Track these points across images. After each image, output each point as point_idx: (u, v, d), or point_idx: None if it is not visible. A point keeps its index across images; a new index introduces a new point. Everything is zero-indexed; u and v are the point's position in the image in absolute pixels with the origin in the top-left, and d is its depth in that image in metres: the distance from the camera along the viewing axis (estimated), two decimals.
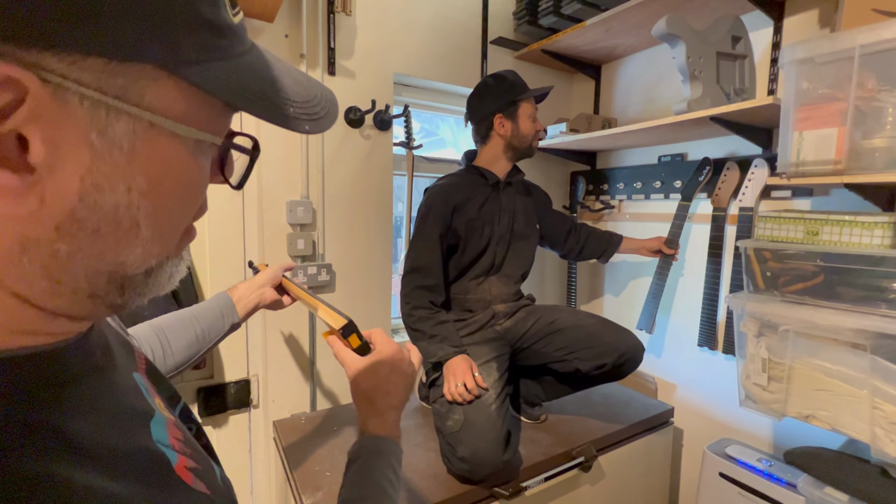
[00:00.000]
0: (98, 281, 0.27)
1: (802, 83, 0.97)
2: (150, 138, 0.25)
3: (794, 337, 0.96)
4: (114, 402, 0.30)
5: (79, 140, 0.23)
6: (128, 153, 0.25)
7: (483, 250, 1.34)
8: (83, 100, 0.22)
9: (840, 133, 0.91)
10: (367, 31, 1.45)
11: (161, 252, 0.29)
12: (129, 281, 0.28)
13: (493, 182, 1.35)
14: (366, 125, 1.48)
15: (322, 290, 1.46)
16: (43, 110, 0.21)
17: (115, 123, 0.24)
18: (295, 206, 1.37)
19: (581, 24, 1.52)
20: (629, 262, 1.79)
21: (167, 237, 0.29)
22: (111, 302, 0.28)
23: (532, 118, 1.35)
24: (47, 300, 0.26)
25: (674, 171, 1.59)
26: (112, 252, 0.26)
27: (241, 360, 1.44)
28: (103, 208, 0.25)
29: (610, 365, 1.19)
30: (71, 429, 0.25)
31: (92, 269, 0.26)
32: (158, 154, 0.26)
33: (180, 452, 0.33)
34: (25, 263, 0.24)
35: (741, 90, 1.26)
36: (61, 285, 0.25)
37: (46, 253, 0.24)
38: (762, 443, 1.38)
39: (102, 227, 0.25)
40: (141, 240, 0.27)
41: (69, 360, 0.28)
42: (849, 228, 0.91)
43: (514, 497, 1.07)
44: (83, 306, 0.28)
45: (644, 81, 1.70)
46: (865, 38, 0.85)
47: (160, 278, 0.30)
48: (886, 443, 0.83)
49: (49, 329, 0.27)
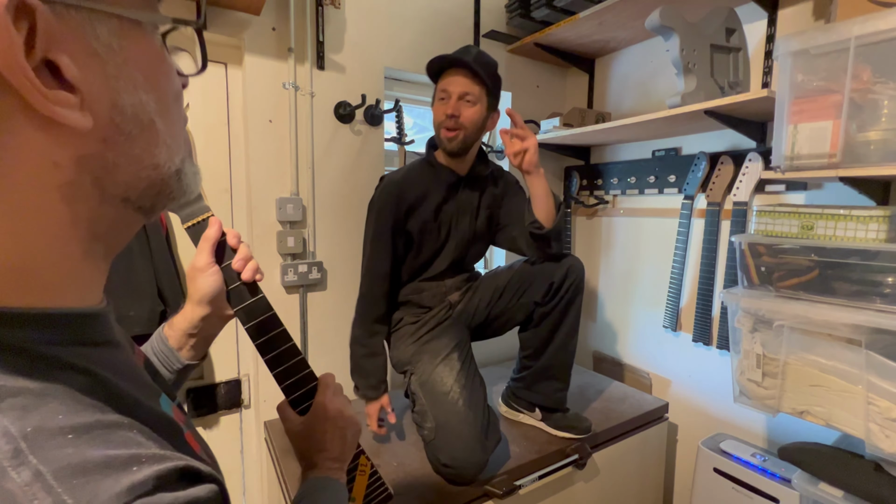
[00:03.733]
0: (136, 185, 0.30)
1: (797, 75, 0.95)
2: (126, 34, 0.28)
3: (788, 332, 0.95)
4: (132, 372, 0.33)
5: (87, 50, 0.26)
6: (120, 53, 0.27)
7: (437, 252, 1.26)
8: (70, 10, 0.25)
9: (835, 126, 0.90)
10: (357, 25, 1.43)
11: (179, 150, 0.33)
12: (166, 186, 0.32)
13: (448, 182, 1.22)
14: (356, 120, 1.46)
15: (314, 288, 1.44)
16: (52, 30, 0.24)
17: (100, 27, 0.26)
18: (284, 203, 1.34)
19: (574, 17, 1.50)
20: (629, 260, 1.78)
21: (177, 134, 0.33)
22: (141, 205, 0.32)
23: (440, 98, 1.13)
24: (94, 214, 0.29)
25: (668, 166, 1.58)
26: (147, 154, 0.30)
27: (232, 360, 1.42)
28: (127, 110, 0.28)
29: (558, 279, 1.18)
30: (105, 377, 0.28)
31: (132, 174, 0.29)
32: (139, 49, 0.29)
33: (185, 427, 0.35)
34: (85, 180, 0.27)
35: (735, 83, 1.25)
36: (106, 193, 0.29)
37: (99, 165, 0.28)
38: (756, 438, 1.38)
39: (133, 129, 0.28)
40: (161, 137, 0.30)
41: (97, 326, 0.31)
42: (844, 222, 0.90)
43: (507, 496, 1.06)
44: (115, 212, 0.30)
45: (638, 75, 1.69)
46: (861, 29, 0.84)
47: (188, 179, 0.34)
48: (881, 438, 0.82)
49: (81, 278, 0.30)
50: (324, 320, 1.46)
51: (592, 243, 1.90)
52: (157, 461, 0.24)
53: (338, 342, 1.50)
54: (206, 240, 0.54)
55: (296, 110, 1.34)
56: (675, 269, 1.52)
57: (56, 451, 0.22)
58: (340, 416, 0.56)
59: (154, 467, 0.24)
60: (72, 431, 0.23)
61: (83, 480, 0.21)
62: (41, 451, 0.22)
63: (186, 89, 0.35)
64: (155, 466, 0.24)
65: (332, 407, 0.56)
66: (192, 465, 0.26)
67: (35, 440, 0.22)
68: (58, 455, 0.22)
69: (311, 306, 1.44)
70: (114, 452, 0.23)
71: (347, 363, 1.52)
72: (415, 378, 1.18)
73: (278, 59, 1.31)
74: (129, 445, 0.24)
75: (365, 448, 0.67)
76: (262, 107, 1.31)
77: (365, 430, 1.25)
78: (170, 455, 0.25)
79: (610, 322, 1.85)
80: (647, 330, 1.70)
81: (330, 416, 0.56)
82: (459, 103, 1.11)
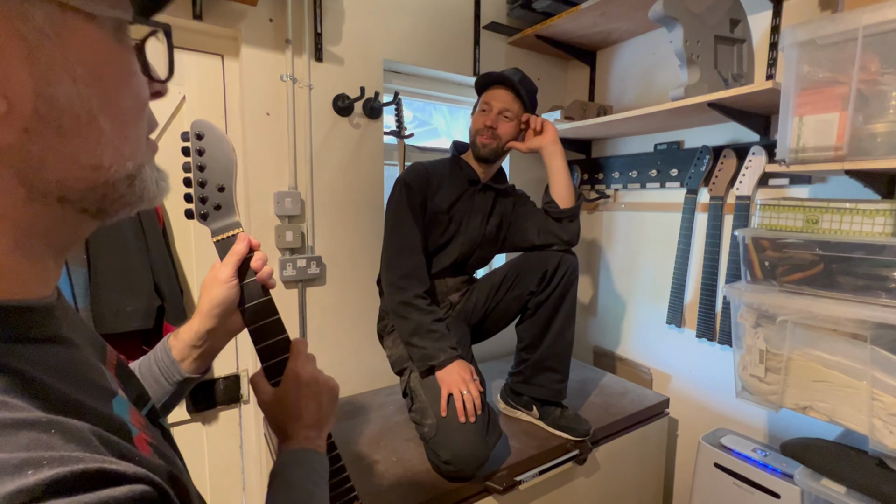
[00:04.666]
0: (74, 186, 0.28)
1: (803, 66, 0.94)
2: (69, 24, 0.26)
3: (792, 327, 0.94)
4: (78, 371, 0.30)
5: (10, 33, 0.24)
6: (56, 41, 0.26)
7: (444, 246, 1.27)
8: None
9: (841, 118, 0.88)
10: (356, 16, 1.40)
11: (133, 154, 0.31)
12: (112, 189, 0.30)
13: (470, 179, 1.27)
14: (355, 113, 1.44)
15: (312, 283, 1.43)
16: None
17: (34, 12, 0.25)
18: (282, 197, 1.33)
19: (576, 8, 1.48)
20: (630, 255, 1.77)
21: (132, 136, 0.31)
22: (84, 206, 0.30)
23: (482, 109, 1.23)
24: (20, 207, 0.27)
25: (670, 160, 1.56)
26: (84, 153, 0.28)
27: (231, 355, 1.41)
28: (59, 101, 0.26)
29: (551, 268, 1.19)
30: (30, 374, 0.26)
31: (65, 171, 0.27)
32: (85, 41, 0.27)
33: (141, 431, 0.32)
34: (3, 173, 0.25)
35: (739, 75, 1.23)
36: (33, 190, 0.27)
37: (20, 157, 0.26)
38: (757, 433, 1.38)
39: (65, 123, 0.26)
40: (106, 137, 0.28)
41: (34, 321, 0.29)
42: (849, 216, 0.89)
43: (507, 491, 1.06)
44: (51, 213, 0.28)
45: (640, 68, 1.67)
46: (870, 18, 0.82)
47: (146, 185, 0.32)
48: (885, 434, 0.81)
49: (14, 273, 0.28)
50: (323, 315, 1.46)
51: (593, 238, 1.89)
52: (60, 464, 0.21)
53: (337, 337, 1.49)
54: (234, 254, 0.54)
55: (294, 103, 1.32)
56: (679, 264, 1.50)
57: None
58: (314, 381, 0.55)
59: (54, 470, 0.21)
60: None
61: None
62: None
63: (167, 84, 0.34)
64: (56, 469, 0.21)
65: (305, 372, 0.55)
66: (108, 467, 0.23)
67: None
68: None
69: (309, 301, 1.43)
70: (5, 456, 0.20)
71: (348, 357, 1.51)
72: (414, 375, 1.17)
73: (276, 50, 1.29)
74: (32, 448, 0.21)
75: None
76: (260, 99, 1.29)
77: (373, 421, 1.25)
78: (83, 457, 0.22)
79: (610, 317, 1.84)
80: (647, 325, 1.69)
81: (303, 382, 0.54)
82: (498, 117, 1.22)
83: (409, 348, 1.15)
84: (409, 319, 1.14)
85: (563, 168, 1.25)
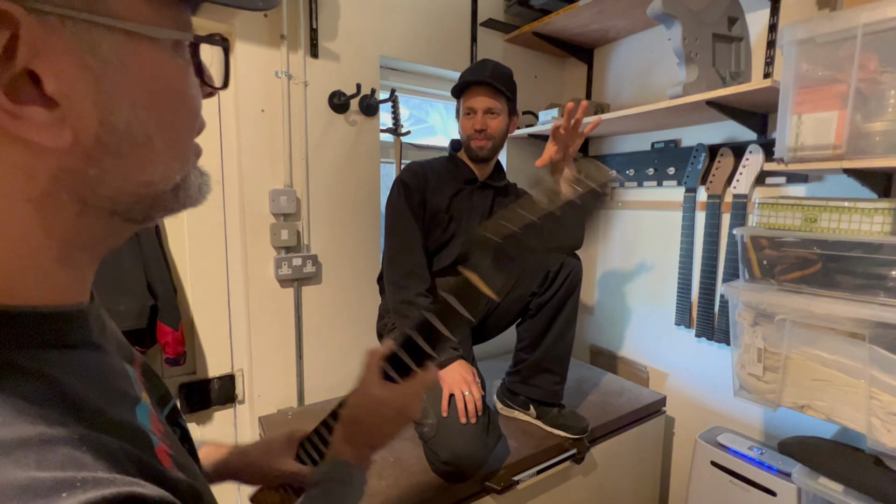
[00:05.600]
0: (124, 200, 0.29)
1: (802, 65, 0.93)
2: (133, 50, 0.26)
3: (790, 326, 0.94)
4: (105, 378, 0.31)
5: (78, 65, 0.24)
6: (121, 69, 0.26)
7: (444, 245, 1.26)
8: (64, 21, 0.23)
9: (840, 116, 0.88)
10: (352, 12, 1.39)
11: (182, 167, 0.31)
12: (160, 200, 0.31)
13: (467, 178, 1.27)
14: (351, 110, 1.42)
15: (308, 282, 1.41)
16: (38, 41, 0.23)
17: (100, 40, 0.25)
18: (278, 195, 1.31)
19: (573, 5, 1.47)
20: (627, 254, 1.77)
21: (182, 151, 0.31)
22: (132, 217, 0.30)
23: (467, 114, 1.21)
24: (72, 221, 0.27)
25: (667, 158, 1.56)
26: (137, 171, 0.28)
27: (225, 355, 1.39)
28: (119, 128, 0.26)
29: (553, 270, 1.19)
30: (66, 383, 0.26)
31: (118, 189, 0.28)
32: (146, 64, 0.27)
33: (161, 440, 0.33)
34: (61, 193, 0.26)
35: (737, 73, 1.23)
36: (87, 206, 0.27)
37: (79, 180, 0.26)
38: (754, 431, 1.38)
39: (123, 147, 0.27)
40: (159, 155, 0.29)
41: (70, 327, 0.30)
42: (848, 215, 0.89)
43: (505, 491, 1.06)
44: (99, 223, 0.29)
45: (637, 66, 1.66)
46: (869, 16, 0.82)
47: (189, 192, 0.33)
48: (883, 433, 0.82)
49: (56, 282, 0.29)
50: (319, 314, 1.44)
51: (590, 236, 1.88)
52: (94, 486, 0.21)
53: (333, 336, 1.48)
54: None
55: (289, 99, 1.31)
56: (683, 264, 1.50)
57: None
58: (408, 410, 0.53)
59: (88, 494, 0.21)
60: (2, 447, 0.21)
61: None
62: None
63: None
64: (90, 493, 0.21)
65: (409, 397, 0.53)
66: (136, 492, 0.23)
67: None
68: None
69: (305, 300, 1.41)
70: (41, 475, 0.21)
71: (344, 357, 1.50)
72: None
73: (270, 46, 1.27)
74: (66, 467, 0.22)
75: None
76: (254, 96, 1.27)
77: None
78: (115, 479, 0.23)
79: (607, 316, 1.84)
80: (644, 323, 1.69)
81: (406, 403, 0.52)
82: (485, 117, 1.20)
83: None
84: (410, 318, 1.13)
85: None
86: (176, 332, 1.19)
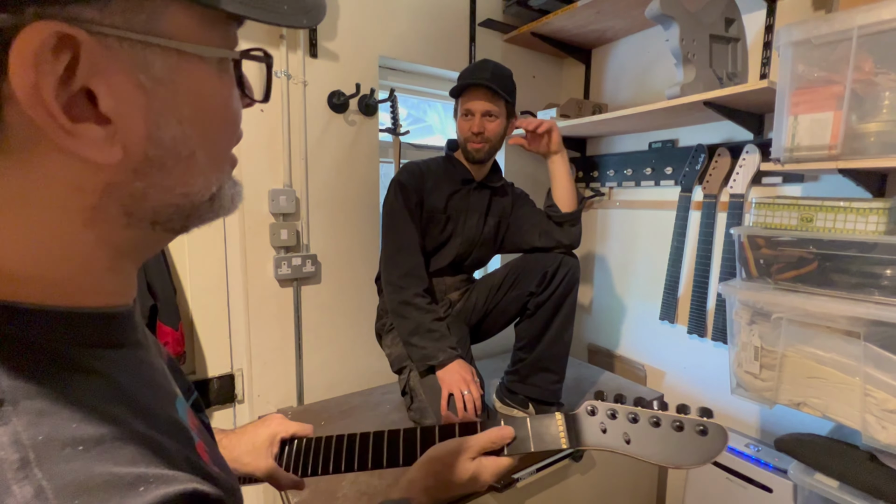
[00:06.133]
0: (165, 211, 0.30)
1: (798, 66, 0.94)
2: (182, 68, 0.27)
3: (786, 325, 0.95)
4: (151, 375, 0.33)
5: (132, 83, 0.25)
6: (170, 86, 0.27)
7: (442, 245, 1.27)
8: (122, 42, 0.24)
9: (835, 117, 0.89)
10: (351, 12, 1.39)
11: (219, 178, 0.32)
12: (196, 210, 0.31)
13: (464, 178, 1.27)
14: (350, 110, 1.43)
15: (308, 281, 1.42)
16: (98, 61, 0.23)
17: (153, 60, 0.26)
18: (277, 194, 1.31)
19: (572, 6, 1.48)
20: (624, 253, 1.78)
21: (220, 163, 0.32)
22: (171, 227, 0.31)
23: (465, 116, 1.20)
24: (118, 231, 0.29)
25: (664, 158, 1.57)
26: (180, 184, 0.29)
27: (225, 355, 1.39)
28: (165, 143, 0.27)
29: (551, 269, 1.19)
30: (122, 381, 0.28)
31: (161, 201, 0.29)
32: (194, 82, 0.28)
33: (198, 436, 0.34)
34: (109, 205, 0.27)
35: (734, 74, 1.24)
36: (132, 217, 0.29)
37: (126, 193, 0.27)
38: (750, 428, 1.40)
39: (168, 162, 0.28)
40: (200, 168, 0.30)
41: (121, 327, 0.31)
42: (843, 215, 0.90)
43: (505, 489, 1.06)
44: (142, 233, 0.30)
45: (635, 66, 1.67)
46: (864, 18, 0.83)
47: (223, 202, 0.33)
48: (877, 429, 0.83)
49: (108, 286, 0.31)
50: (318, 314, 1.44)
51: (588, 235, 1.89)
52: (164, 483, 0.24)
53: (332, 335, 1.48)
54: None
55: (288, 99, 1.31)
56: (672, 261, 1.51)
57: (62, 465, 0.21)
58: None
59: (161, 490, 0.23)
60: (82, 443, 0.23)
61: (85, 500, 0.21)
62: (48, 463, 0.21)
63: None
64: (162, 489, 0.23)
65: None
66: (199, 489, 0.25)
67: (44, 450, 0.21)
68: (63, 470, 0.21)
69: (304, 300, 1.42)
70: (120, 470, 0.23)
71: (343, 357, 1.51)
72: (414, 374, 1.16)
73: (269, 45, 1.27)
74: (136, 463, 0.24)
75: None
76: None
77: (369, 419, 1.24)
78: (177, 477, 0.25)
79: (605, 314, 1.85)
80: (641, 322, 1.71)
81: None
82: (483, 120, 1.19)
83: (409, 348, 1.14)
84: (408, 319, 1.13)
85: (566, 172, 1.25)
86: (176, 331, 1.19)
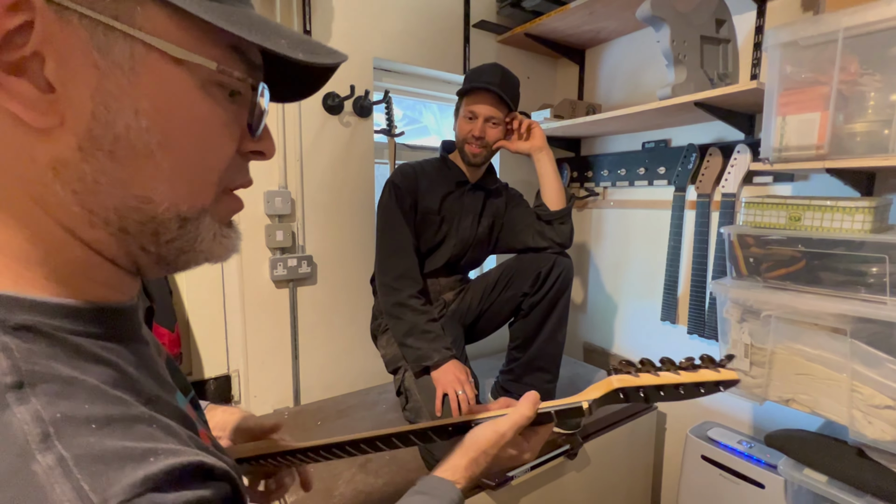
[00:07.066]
0: (129, 216, 0.29)
1: (786, 67, 0.96)
2: (150, 63, 0.27)
3: (775, 322, 0.96)
4: (153, 368, 0.34)
5: (85, 59, 0.26)
6: (129, 74, 0.27)
7: (436, 246, 1.28)
8: (81, 19, 0.25)
9: (822, 117, 0.91)
10: (346, 14, 1.40)
11: (191, 198, 0.31)
12: (163, 226, 0.30)
13: (458, 180, 1.28)
14: (345, 112, 1.43)
15: (303, 283, 1.42)
16: (52, 30, 0.24)
17: (114, 43, 0.26)
18: (272, 196, 1.32)
19: (565, 7, 1.49)
20: (619, 252, 1.79)
21: (194, 181, 0.31)
22: (144, 245, 0.31)
23: (468, 118, 1.21)
24: (85, 229, 0.29)
25: (658, 158, 1.58)
26: (136, 183, 0.29)
27: (221, 356, 1.40)
28: (115, 128, 0.27)
29: (545, 270, 1.20)
30: (128, 371, 0.30)
31: (118, 198, 0.28)
32: (162, 80, 0.28)
33: (199, 424, 0.36)
34: (59, 189, 0.27)
35: (724, 75, 1.25)
36: (94, 215, 0.28)
37: (74, 175, 0.27)
38: (743, 425, 1.41)
39: (118, 149, 0.27)
40: (162, 173, 0.29)
41: (125, 321, 0.32)
42: (830, 213, 0.91)
43: (500, 487, 1.07)
44: (119, 242, 0.30)
45: (628, 66, 1.69)
46: (850, 20, 0.84)
47: (201, 234, 0.32)
48: (864, 425, 0.84)
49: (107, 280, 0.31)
50: (314, 314, 1.45)
51: (583, 235, 1.91)
52: (173, 454, 0.25)
53: (328, 336, 1.49)
54: None
55: None
56: (671, 261, 1.52)
57: (79, 439, 0.23)
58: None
59: (170, 460, 0.25)
60: (95, 422, 0.24)
61: (102, 468, 0.23)
62: (66, 437, 0.23)
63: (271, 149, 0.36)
64: (171, 459, 0.25)
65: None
66: (206, 461, 0.27)
67: (62, 426, 0.23)
68: (80, 442, 0.23)
69: (300, 301, 1.42)
70: (132, 444, 0.25)
71: (339, 357, 1.51)
72: (409, 374, 1.17)
73: None
74: (146, 439, 0.26)
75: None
76: None
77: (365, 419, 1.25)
78: (185, 450, 0.27)
79: (600, 313, 1.87)
80: (637, 321, 1.72)
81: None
82: (485, 125, 1.21)
83: (404, 349, 1.15)
84: (403, 320, 1.14)
85: (551, 171, 1.26)
86: (172, 333, 1.19)
